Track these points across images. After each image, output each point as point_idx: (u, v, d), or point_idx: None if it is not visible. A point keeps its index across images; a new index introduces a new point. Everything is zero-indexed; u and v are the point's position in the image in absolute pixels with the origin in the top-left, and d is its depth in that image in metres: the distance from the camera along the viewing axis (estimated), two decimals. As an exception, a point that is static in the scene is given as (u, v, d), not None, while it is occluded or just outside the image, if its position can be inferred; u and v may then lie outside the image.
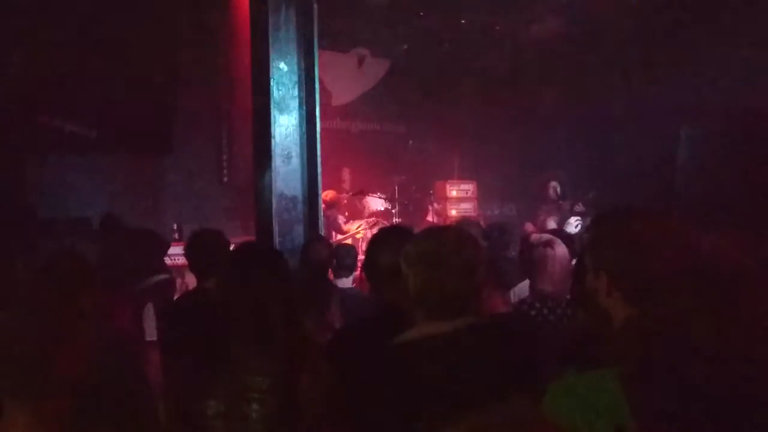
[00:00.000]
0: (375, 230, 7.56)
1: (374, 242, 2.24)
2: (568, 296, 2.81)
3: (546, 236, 3.17)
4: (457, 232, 1.77)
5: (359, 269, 3.98)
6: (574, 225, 6.78)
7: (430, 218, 9.09)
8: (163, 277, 5.52)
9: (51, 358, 1.12)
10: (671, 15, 6.90)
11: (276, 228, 4.34)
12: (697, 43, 6.62)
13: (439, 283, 1.65)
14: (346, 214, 8.38)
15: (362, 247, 6.94)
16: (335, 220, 7.77)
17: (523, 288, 3.24)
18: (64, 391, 1.15)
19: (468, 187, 9.40)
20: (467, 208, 9.28)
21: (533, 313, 2.92)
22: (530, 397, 1.26)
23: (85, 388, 1.18)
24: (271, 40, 4.43)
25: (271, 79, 4.43)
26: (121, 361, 2.19)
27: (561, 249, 2.89)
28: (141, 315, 5.39)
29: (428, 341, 1.64)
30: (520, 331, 2.29)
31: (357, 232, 7.89)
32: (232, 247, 3.23)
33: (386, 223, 7.73)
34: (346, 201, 8.45)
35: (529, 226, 7.18)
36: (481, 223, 8.75)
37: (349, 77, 9.47)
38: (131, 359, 2.67)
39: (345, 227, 8.01)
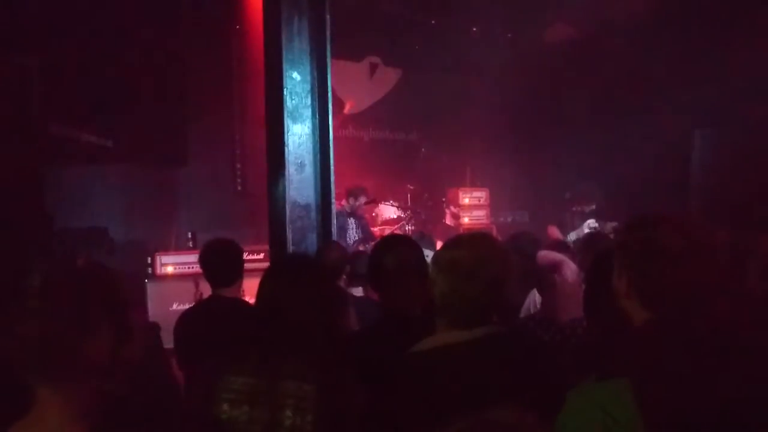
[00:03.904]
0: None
1: (379, 249, 2.24)
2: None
3: (556, 257, 3.06)
4: (491, 243, 1.75)
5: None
6: (586, 228, 6.60)
7: (447, 221, 9.10)
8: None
9: (78, 344, 1.15)
10: (685, 21, 6.87)
11: (290, 236, 4.36)
12: (713, 47, 6.57)
13: (466, 293, 1.64)
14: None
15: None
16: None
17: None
18: (94, 375, 1.18)
19: (480, 195, 9.39)
20: (480, 216, 9.27)
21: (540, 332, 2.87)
22: (543, 405, 1.25)
23: (115, 372, 1.20)
24: (284, 50, 4.46)
25: (284, 89, 4.46)
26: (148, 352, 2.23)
27: (569, 272, 2.74)
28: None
29: (450, 350, 1.64)
30: (537, 340, 2.28)
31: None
32: (245, 255, 3.27)
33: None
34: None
35: (553, 231, 6.96)
36: (494, 230, 8.77)
37: (361, 86, 9.52)
38: (157, 351, 2.72)
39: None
